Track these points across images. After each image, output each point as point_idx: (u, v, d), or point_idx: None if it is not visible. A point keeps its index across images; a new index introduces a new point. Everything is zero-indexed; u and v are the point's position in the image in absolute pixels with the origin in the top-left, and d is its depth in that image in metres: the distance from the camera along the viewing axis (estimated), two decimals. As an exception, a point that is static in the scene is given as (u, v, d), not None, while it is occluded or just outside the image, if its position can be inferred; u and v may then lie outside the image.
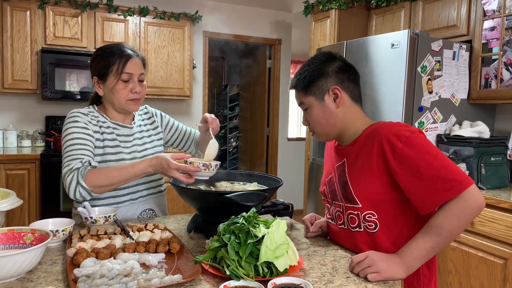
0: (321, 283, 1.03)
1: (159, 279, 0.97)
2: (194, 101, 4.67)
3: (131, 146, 1.59)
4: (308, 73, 1.24)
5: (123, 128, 1.60)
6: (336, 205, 1.29)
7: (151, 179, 1.65)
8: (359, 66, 2.75)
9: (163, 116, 1.79)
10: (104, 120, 1.57)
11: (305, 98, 1.26)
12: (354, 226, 1.22)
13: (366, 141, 1.18)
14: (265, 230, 1.05)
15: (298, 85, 1.26)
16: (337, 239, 1.33)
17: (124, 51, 1.52)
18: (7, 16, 3.50)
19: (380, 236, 1.17)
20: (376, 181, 1.14)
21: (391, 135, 1.11)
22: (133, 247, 1.17)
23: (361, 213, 1.18)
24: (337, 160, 1.29)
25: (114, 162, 1.52)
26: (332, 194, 1.30)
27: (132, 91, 1.52)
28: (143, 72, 1.56)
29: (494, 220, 2.11)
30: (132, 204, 1.61)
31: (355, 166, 1.20)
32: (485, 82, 2.56)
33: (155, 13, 4.05)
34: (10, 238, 1.13)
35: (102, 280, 0.94)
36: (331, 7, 3.42)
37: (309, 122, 1.28)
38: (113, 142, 1.55)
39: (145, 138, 1.66)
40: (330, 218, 1.34)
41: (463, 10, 2.64)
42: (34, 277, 1.03)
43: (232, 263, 1.00)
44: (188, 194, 1.38)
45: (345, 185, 1.21)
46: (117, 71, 1.49)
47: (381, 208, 1.16)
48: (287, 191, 4.85)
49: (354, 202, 1.19)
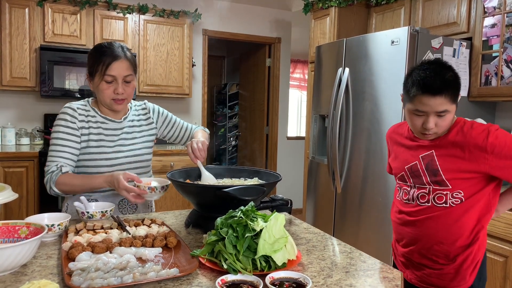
0: (319, 277, 1.01)
1: (155, 273, 0.95)
2: (193, 100, 4.66)
3: (117, 140, 1.63)
4: (454, 82, 1.34)
5: (112, 122, 1.64)
6: (419, 188, 1.45)
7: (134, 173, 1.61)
8: (358, 64, 2.75)
9: (160, 112, 1.81)
10: (94, 115, 1.62)
11: (451, 106, 1.34)
12: (440, 203, 1.40)
13: (456, 140, 1.37)
14: (263, 223, 1.03)
15: (447, 92, 1.31)
16: (411, 215, 1.47)
17: (113, 52, 1.54)
18: (5, 13, 3.49)
19: (462, 207, 1.38)
20: (469, 169, 1.35)
21: (478, 134, 1.34)
22: (130, 241, 1.15)
23: (450, 192, 1.38)
24: (422, 150, 1.44)
25: (96, 154, 1.59)
26: (416, 179, 1.45)
27: (115, 92, 1.55)
28: (130, 73, 1.57)
29: (495, 218, 2.10)
30: (114, 196, 1.63)
31: (447, 157, 1.38)
32: (485, 80, 2.55)
33: (154, 11, 4.03)
34: (4, 232, 1.12)
35: (97, 274, 0.93)
36: (331, 4, 3.41)
37: (436, 125, 1.36)
38: (97, 136, 1.60)
39: (136, 133, 1.69)
40: (407, 199, 1.49)
41: (464, 7, 2.62)
42: (29, 271, 1.01)
43: (230, 257, 0.99)
44: (186, 188, 1.36)
45: (436, 172, 1.40)
46: (101, 72, 1.53)
47: (468, 188, 1.37)
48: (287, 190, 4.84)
49: (444, 185, 1.39)
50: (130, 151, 1.65)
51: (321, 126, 3.24)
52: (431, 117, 1.33)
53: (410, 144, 1.49)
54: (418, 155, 1.45)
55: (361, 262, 1.14)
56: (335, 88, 2.89)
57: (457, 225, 1.39)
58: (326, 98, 3.05)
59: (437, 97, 1.30)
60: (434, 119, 1.34)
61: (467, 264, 1.41)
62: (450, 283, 1.42)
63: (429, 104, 1.31)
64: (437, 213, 1.40)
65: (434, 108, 1.31)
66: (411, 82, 1.35)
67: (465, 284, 1.42)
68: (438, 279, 1.44)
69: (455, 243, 1.39)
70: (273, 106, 5.24)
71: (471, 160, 1.34)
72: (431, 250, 1.43)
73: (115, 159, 1.61)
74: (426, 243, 1.43)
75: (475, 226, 1.39)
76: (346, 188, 2.87)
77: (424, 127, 1.36)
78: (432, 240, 1.42)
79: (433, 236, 1.42)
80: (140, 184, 1.43)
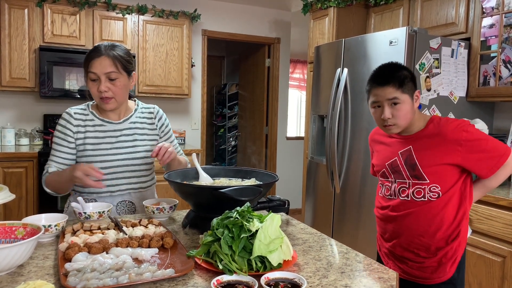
0: (315, 277, 1.02)
1: (151, 273, 0.96)
2: (192, 100, 4.66)
3: (115, 142, 1.64)
4: (400, 73, 1.47)
5: (110, 124, 1.66)
6: (399, 182, 1.54)
7: (130, 175, 1.67)
8: (357, 64, 2.75)
9: (165, 124, 1.80)
10: (92, 118, 1.65)
11: (402, 95, 1.46)
12: (419, 197, 1.49)
13: (432, 134, 1.47)
14: (259, 224, 1.04)
15: (393, 80, 1.45)
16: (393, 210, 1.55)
17: (94, 50, 1.56)
18: (5, 14, 3.49)
19: (440, 202, 1.47)
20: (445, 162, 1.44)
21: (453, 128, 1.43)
22: (126, 242, 1.16)
23: (428, 186, 1.47)
24: (400, 147, 1.54)
25: (92, 156, 1.61)
26: (397, 174, 1.54)
27: (98, 90, 1.55)
28: (112, 70, 1.55)
29: (493, 218, 2.10)
30: (112, 197, 1.64)
31: (424, 151, 1.47)
32: (483, 80, 2.55)
33: (154, 11, 4.04)
34: (1, 232, 1.12)
35: (93, 274, 0.93)
36: (330, 5, 3.41)
37: (392, 116, 1.47)
38: (94, 139, 1.62)
39: (137, 135, 1.69)
40: (389, 194, 1.57)
41: (462, 7, 2.63)
42: (25, 271, 1.02)
43: (225, 258, 0.99)
44: (183, 189, 1.37)
45: (414, 166, 1.48)
46: (86, 71, 1.57)
47: (444, 182, 1.45)
48: (286, 190, 4.85)
49: (422, 178, 1.47)
50: (130, 153, 1.65)
51: (320, 126, 3.24)
52: (386, 107, 1.47)
53: (390, 141, 1.60)
54: (397, 151, 1.55)
55: (357, 262, 1.14)
56: (334, 88, 2.89)
57: (437, 219, 1.48)
58: (325, 98, 3.05)
59: (385, 86, 1.46)
60: (389, 109, 1.46)
61: (447, 258, 1.49)
62: (431, 275, 1.51)
63: (380, 94, 1.47)
64: (417, 208, 1.49)
65: (384, 96, 1.46)
66: (368, 80, 1.54)
67: (445, 276, 1.50)
68: (420, 271, 1.52)
69: (435, 236, 1.48)
70: (272, 106, 5.25)
71: (446, 152, 1.44)
72: (413, 243, 1.51)
73: (112, 161, 1.62)
74: (408, 237, 1.52)
75: (454, 219, 1.48)
76: (344, 188, 2.87)
77: (382, 118, 1.48)
78: (413, 234, 1.51)
79: (414, 230, 1.50)
80: (148, 205, 1.49)
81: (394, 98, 1.45)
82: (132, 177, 1.67)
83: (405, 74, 1.48)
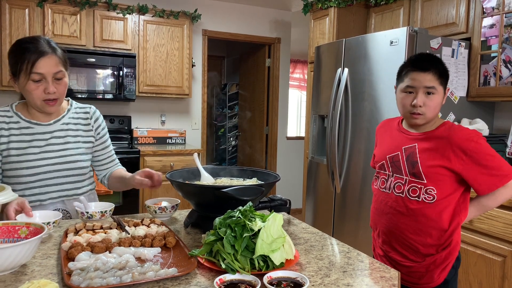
0: (317, 277, 1.02)
1: (154, 272, 0.96)
2: (193, 100, 4.67)
3: (45, 146, 1.50)
4: (442, 65, 1.45)
5: (38, 126, 1.51)
6: (397, 177, 1.51)
7: (62, 181, 1.53)
8: (358, 64, 2.75)
9: (101, 126, 1.66)
10: (17, 120, 1.50)
11: (439, 86, 1.44)
12: (413, 196, 1.46)
13: (441, 136, 1.44)
14: (261, 223, 1.04)
15: (436, 69, 1.43)
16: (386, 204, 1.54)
17: (38, 47, 1.40)
18: (5, 13, 3.49)
19: (434, 206, 1.43)
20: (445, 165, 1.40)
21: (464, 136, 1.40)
22: (129, 241, 1.16)
23: (424, 187, 1.44)
24: (406, 142, 1.51)
25: (16, 163, 1.46)
26: (395, 168, 1.52)
27: (45, 91, 1.42)
28: (60, 70, 1.43)
29: (493, 218, 2.11)
30: (42, 206, 1.50)
31: (428, 151, 1.44)
32: (484, 80, 2.56)
33: (154, 11, 4.04)
34: (4, 232, 1.12)
35: (97, 273, 0.94)
36: (330, 5, 3.42)
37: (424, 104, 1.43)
38: (18, 144, 1.47)
39: (70, 137, 1.56)
40: (384, 187, 1.56)
41: (462, 7, 2.63)
42: (28, 270, 1.02)
43: (228, 257, 1.00)
44: (185, 189, 1.37)
45: (415, 164, 1.46)
46: (26, 71, 1.39)
47: (441, 186, 1.42)
48: (286, 190, 4.86)
49: (420, 178, 1.45)
50: (60, 157, 1.51)
51: (321, 126, 3.25)
52: (420, 94, 1.43)
53: (397, 135, 1.57)
54: (402, 147, 1.53)
55: (359, 261, 1.14)
56: (334, 88, 2.89)
57: (429, 224, 1.44)
58: (326, 98, 3.06)
59: (426, 72, 1.42)
60: (423, 97, 1.43)
61: (436, 265, 1.46)
62: (418, 281, 1.49)
63: (419, 79, 1.43)
64: (411, 208, 1.46)
65: (423, 83, 1.42)
66: (404, 65, 1.50)
67: (433, 283, 1.48)
68: (407, 276, 1.50)
69: (426, 240, 1.45)
70: (272, 106, 5.25)
71: (450, 157, 1.40)
72: (402, 243, 1.50)
73: (40, 167, 1.48)
74: (398, 235, 1.50)
75: (447, 228, 1.44)
76: (345, 188, 2.87)
77: (413, 105, 1.44)
78: (403, 233, 1.49)
79: (405, 229, 1.48)
80: (150, 205, 1.47)
81: (432, 87, 1.42)
82: (64, 183, 1.53)
83: (445, 67, 1.46)
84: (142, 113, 4.42)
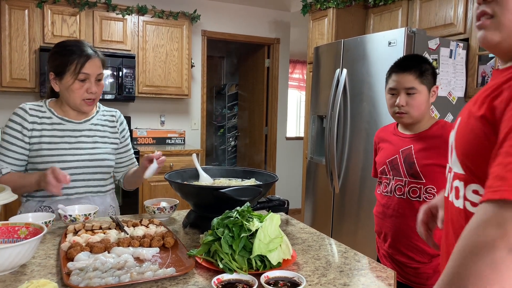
0: (314, 276, 1.03)
1: (152, 272, 0.97)
2: (192, 100, 4.67)
3: (75, 142, 1.57)
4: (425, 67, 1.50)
5: (69, 123, 1.59)
6: (397, 180, 1.55)
7: (90, 178, 1.60)
8: (356, 65, 2.76)
9: (125, 129, 1.76)
10: (49, 116, 1.57)
11: (419, 86, 1.49)
12: (414, 197, 1.50)
13: (435, 135, 1.48)
14: (258, 224, 1.05)
15: (414, 69, 1.49)
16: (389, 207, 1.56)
17: (84, 51, 1.52)
18: (5, 14, 3.50)
19: None
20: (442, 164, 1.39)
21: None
22: (128, 241, 1.17)
23: (424, 186, 1.47)
24: (402, 145, 1.56)
25: (48, 156, 1.52)
26: (395, 171, 1.56)
27: (88, 91, 1.53)
28: (101, 72, 1.56)
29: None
30: (68, 201, 1.55)
31: (423, 151, 1.48)
32: (482, 80, 2.57)
33: (154, 12, 4.05)
34: (4, 232, 1.13)
35: (96, 273, 0.95)
36: (329, 6, 3.43)
37: (406, 104, 1.49)
38: (50, 138, 1.54)
39: (98, 137, 1.64)
40: (386, 191, 1.59)
41: (460, 8, 2.64)
42: (28, 270, 1.03)
43: (226, 257, 1.01)
44: (184, 189, 1.38)
45: (412, 164, 1.50)
46: (74, 71, 1.50)
47: (440, 184, 1.42)
48: (286, 190, 4.87)
49: (419, 177, 1.48)
50: (90, 155, 1.58)
51: (320, 127, 3.26)
52: (402, 94, 1.50)
53: (393, 139, 1.62)
54: (399, 149, 1.57)
55: (356, 261, 1.15)
56: (333, 88, 2.90)
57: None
58: (324, 98, 3.07)
59: (405, 73, 1.49)
60: (404, 97, 1.49)
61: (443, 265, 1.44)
62: (426, 282, 1.50)
63: (399, 80, 1.50)
64: (414, 209, 1.45)
65: (403, 84, 1.49)
66: (390, 67, 1.58)
67: None
68: (415, 277, 1.51)
69: None
70: (272, 106, 5.26)
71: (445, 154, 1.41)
72: (408, 246, 1.51)
73: (71, 162, 1.54)
74: (403, 238, 1.52)
75: None
76: (344, 188, 2.88)
77: (396, 105, 1.50)
78: (409, 235, 1.50)
79: (410, 231, 1.48)
80: (149, 205, 1.50)
81: (411, 87, 1.48)
82: (91, 180, 1.60)
83: (426, 67, 1.51)
84: (141, 113, 4.43)
